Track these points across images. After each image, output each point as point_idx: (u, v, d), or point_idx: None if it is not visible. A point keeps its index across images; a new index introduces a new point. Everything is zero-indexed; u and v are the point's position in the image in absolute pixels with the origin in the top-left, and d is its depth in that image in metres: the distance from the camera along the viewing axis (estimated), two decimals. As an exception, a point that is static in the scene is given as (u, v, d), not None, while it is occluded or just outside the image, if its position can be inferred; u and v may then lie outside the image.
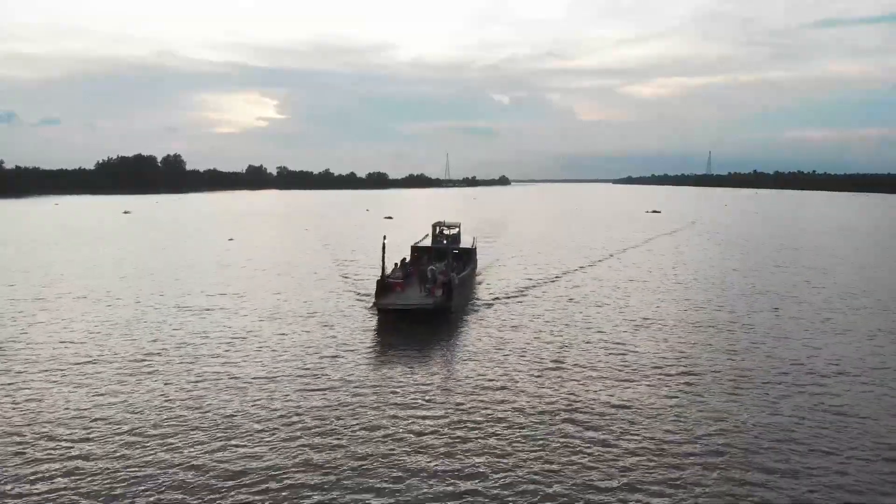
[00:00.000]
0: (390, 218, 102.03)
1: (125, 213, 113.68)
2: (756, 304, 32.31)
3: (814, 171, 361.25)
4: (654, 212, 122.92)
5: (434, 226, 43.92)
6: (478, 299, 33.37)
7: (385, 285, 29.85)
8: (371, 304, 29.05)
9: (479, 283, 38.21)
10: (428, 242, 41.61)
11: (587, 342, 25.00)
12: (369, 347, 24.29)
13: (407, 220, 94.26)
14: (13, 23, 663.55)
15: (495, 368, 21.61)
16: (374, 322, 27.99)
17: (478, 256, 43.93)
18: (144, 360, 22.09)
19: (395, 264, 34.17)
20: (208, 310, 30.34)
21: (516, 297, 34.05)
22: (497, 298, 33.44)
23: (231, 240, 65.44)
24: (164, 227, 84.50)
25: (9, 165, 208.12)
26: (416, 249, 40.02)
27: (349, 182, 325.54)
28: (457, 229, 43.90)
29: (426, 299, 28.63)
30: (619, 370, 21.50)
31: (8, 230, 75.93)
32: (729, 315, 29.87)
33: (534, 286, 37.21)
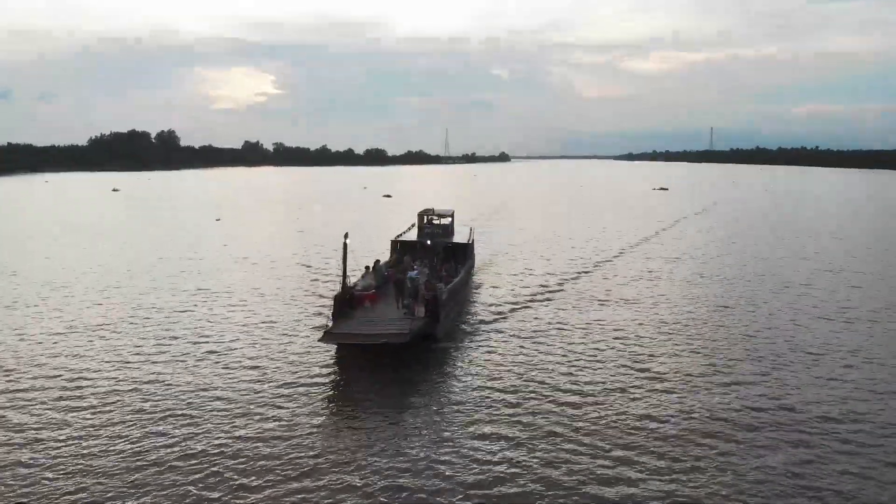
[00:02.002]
0: (389, 196, 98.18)
1: (114, 190, 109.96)
2: (796, 303, 28.59)
3: (817, 147, 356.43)
4: (662, 189, 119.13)
5: (421, 214, 35.25)
6: (474, 310, 26.28)
7: (348, 300, 22.16)
8: (323, 332, 19.79)
9: (477, 288, 30.74)
10: (413, 235, 33.30)
11: (622, 378, 18.31)
12: (321, 394, 17.21)
13: (406, 199, 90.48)
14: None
15: (498, 426, 15.20)
16: (333, 350, 20.39)
17: (476, 250, 35.25)
18: (57, 389, 17.58)
19: (367, 267, 26.14)
20: (158, 310, 25.83)
21: (524, 304, 27.16)
22: (499, 310, 26.27)
23: (218, 220, 62.52)
24: (151, 207, 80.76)
25: (1, 142, 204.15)
26: (397, 245, 32.25)
27: (346, 158, 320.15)
28: (449, 219, 35.50)
29: (401, 325, 20.40)
30: (668, 434, 14.80)
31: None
32: (770, 320, 26.09)
33: (546, 288, 30.31)
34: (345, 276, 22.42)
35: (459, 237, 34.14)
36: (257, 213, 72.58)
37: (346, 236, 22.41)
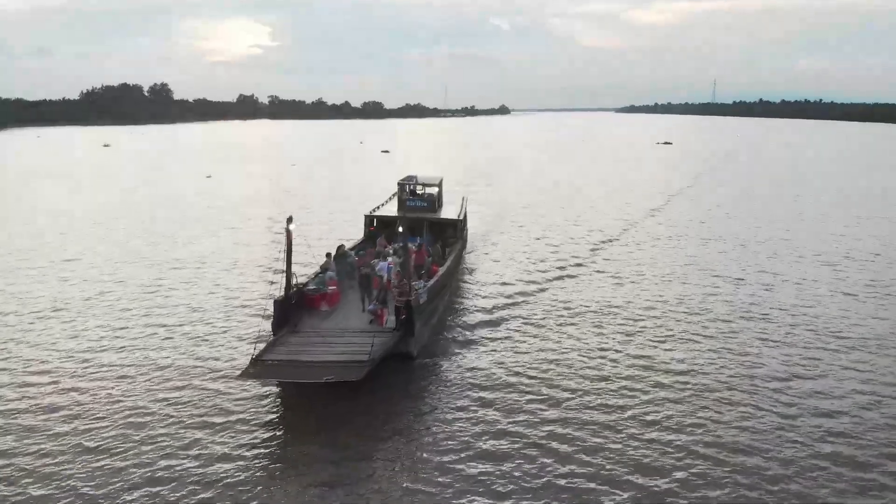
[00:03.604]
0: (387, 152, 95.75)
1: (105, 146, 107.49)
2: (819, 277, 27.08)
3: (820, 100, 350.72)
4: (665, 143, 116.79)
5: (401, 184, 28.53)
6: (463, 307, 21.34)
7: (294, 305, 16.91)
8: (249, 361, 14.36)
9: (470, 273, 25.92)
10: (393, 210, 27.13)
11: (647, 392, 14.76)
12: (250, 443, 12.79)
13: (405, 154, 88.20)
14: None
15: (500, 482, 11.63)
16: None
17: (470, 223, 30.35)
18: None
19: (328, 255, 20.26)
20: (107, 299, 22.03)
21: (525, 295, 22.38)
22: (494, 304, 21.34)
23: (209, 177, 61.38)
24: (140, 163, 78.62)
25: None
26: (372, 222, 26.47)
27: (343, 112, 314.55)
28: (436, 188, 28.73)
29: (357, 349, 14.99)
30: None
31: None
32: (790, 296, 24.60)
33: (548, 274, 25.45)
34: (289, 273, 16.84)
35: (449, 208, 28.69)
36: (248, 171, 70.38)
37: (288, 221, 16.80)
